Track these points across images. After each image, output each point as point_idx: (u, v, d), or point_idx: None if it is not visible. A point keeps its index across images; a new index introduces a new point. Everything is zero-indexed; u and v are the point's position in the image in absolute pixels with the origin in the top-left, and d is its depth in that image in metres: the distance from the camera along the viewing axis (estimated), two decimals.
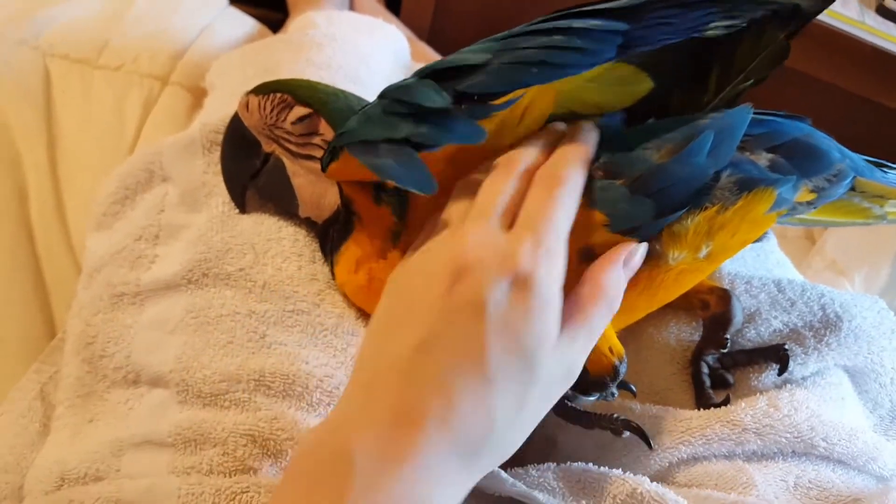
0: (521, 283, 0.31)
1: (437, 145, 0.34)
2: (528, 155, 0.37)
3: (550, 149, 0.38)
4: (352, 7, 1.03)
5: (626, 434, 0.41)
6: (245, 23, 0.85)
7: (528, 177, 0.36)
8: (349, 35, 0.63)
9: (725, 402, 0.44)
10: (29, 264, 0.65)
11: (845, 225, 0.48)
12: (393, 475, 0.28)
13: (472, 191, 0.36)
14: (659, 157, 0.37)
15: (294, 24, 0.67)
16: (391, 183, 0.34)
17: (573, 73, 0.35)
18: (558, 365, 0.33)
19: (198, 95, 0.73)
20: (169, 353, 0.43)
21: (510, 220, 0.34)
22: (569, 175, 0.35)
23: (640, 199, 0.37)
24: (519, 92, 0.36)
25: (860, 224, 0.46)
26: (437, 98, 0.34)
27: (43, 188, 0.67)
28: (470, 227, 0.33)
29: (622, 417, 0.40)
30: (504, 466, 0.40)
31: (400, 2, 1.03)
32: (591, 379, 0.40)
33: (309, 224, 0.47)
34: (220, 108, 0.57)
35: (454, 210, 0.36)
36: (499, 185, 0.35)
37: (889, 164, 0.44)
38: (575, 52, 0.35)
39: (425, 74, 0.36)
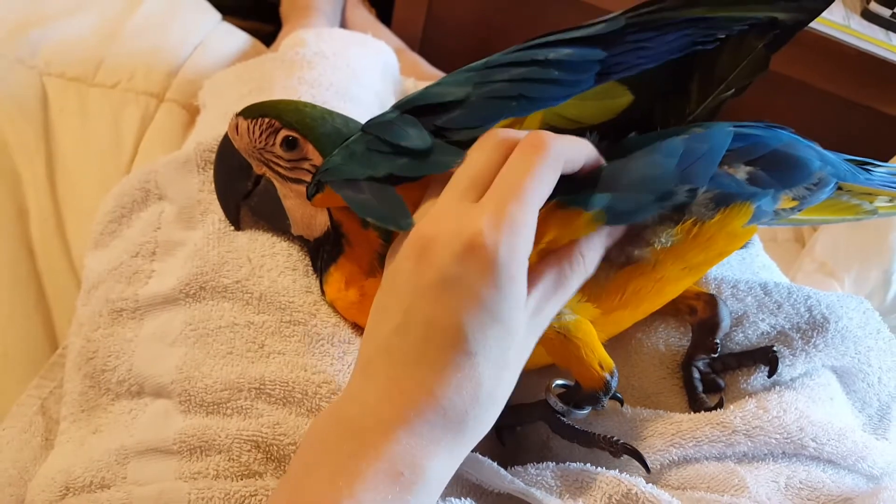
0: (482, 251, 0.31)
1: (418, 177, 0.35)
2: (515, 132, 0.36)
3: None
4: (343, 17, 1.04)
5: (624, 457, 0.41)
6: (238, 38, 0.86)
7: (511, 147, 0.35)
8: (339, 52, 0.64)
9: (719, 405, 0.44)
10: (30, 281, 0.65)
11: (837, 222, 0.48)
12: (387, 440, 0.31)
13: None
14: (628, 161, 0.38)
15: (285, 43, 0.67)
16: None
17: (551, 104, 0.36)
18: (532, 324, 0.35)
19: (193, 112, 0.74)
20: (170, 365, 0.44)
21: (482, 189, 0.34)
22: (551, 144, 0.34)
23: (601, 196, 0.37)
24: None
25: (851, 220, 0.46)
26: (417, 140, 0.35)
27: (42, 205, 0.68)
28: (437, 203, 0.34)
29: (621, 441, 0.41)
30: (503, 465, 0.41)
31: (391, 12, 1.04)
32: (584, 394, 0.41)
33: (302, 241, 0.48)
34: (213, 127, 0.58)
35: (435, 191, 0.36)
36: (474, 157, 0.35)
37: (873, 161, 0.44)
38: (553, 85, 0.35)
39: (407, 109, 0.37)
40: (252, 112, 0.45)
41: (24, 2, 0.76)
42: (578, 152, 0.36)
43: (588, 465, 0.41)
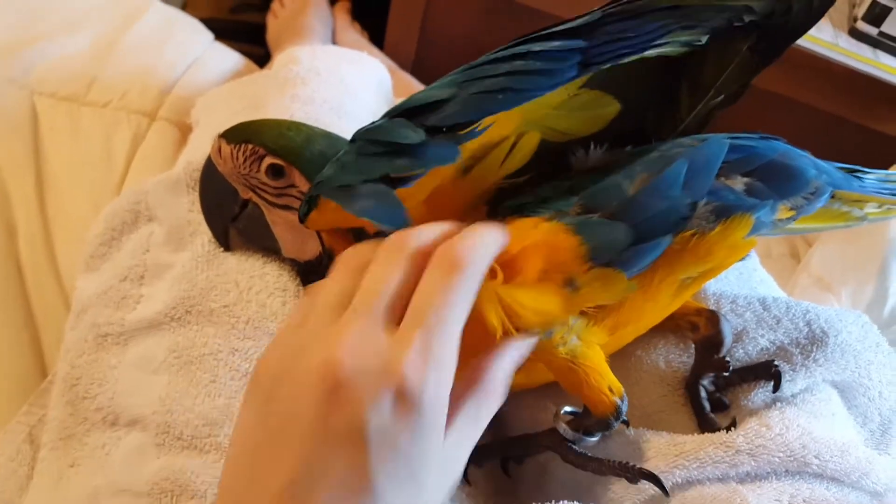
0: (406, 399, 0.28)
1: (413, 174, 0.34)
2: (424, 234, 0.32)
3: (451, 232, 0.33)
4: (334, 41, 1.05)
5: (641, 482, 0.40)
6: (231, 58, 0.86)
7: (423, 259, 0.31)
8: (333, 68, 0.64)
9: (733, 425, 0.43)
10: (18, 300, 0.64)
11: (827, 229, 0.48)
12: None
13: (359, 264, 0.31)
14: (633, 188, 0.38)
15: (278, 60, 0.68)
16: (371, 228, 0.34)
17: (538, 95, 0.35)
18: (445, 468, 0.31)
19: (185, 131, 0.74)
20: (152, 395, 0.43)
21: (398, 312, 0.30)
22: (470, 257, 0.30)
23: (618, 225, 0.37)
24: (488, 120, 0.36)
25: (842, 227, 0.46)
26: (410, 134, 0.34)
27: (32, 226, 0.67)
28: (348, 325, 0.29)
29: (637, 466, 0.40)
30: (491, 499, 0.40)
31: (383, 35, 1.05)
32: (594, 420, 0.40)
33: (292, 262, 0.47)
34: (203, 146, 0.58)
35: (335, 288, 0.31)
36: (386, 269, 0.30)
37: (862, 169, 0.45)
38: (536, 75, 0.35)
39: (396, 114, 0.36)
40: (235, 136, 0.44)
41: (17, 21, 0.76)
42: (493, 250, 0.33)
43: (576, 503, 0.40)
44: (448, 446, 0.30)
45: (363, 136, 0.37)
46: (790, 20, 0.38)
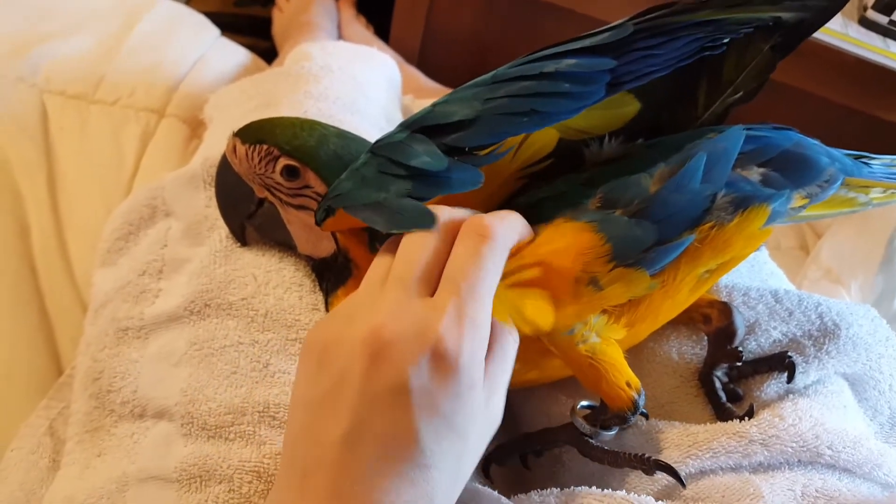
0: (444, 360, 0.29)
1: (434, 196, 0.35)
2: (452, 211, 0.34)
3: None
4: (340, 34, 1.05)
5: (658, 473, 0.40)
6: (237, 53, 0.86)
7: (453, 231, 0.33)
8: (345, 65, 0.64)
9: (749, 414, 0.43)
10: (32, 298, 0.65)
11: (833, 216, 0.48)
12: None
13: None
14: (654, 185, 0.38)
15: (290, 57, 0.68)
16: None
17: (563, 118, 0.35)
18: (486, 425, 0.33)
19: (194, 127, 0.74)
20: (174, 387, 0.43)
21: (432, 281, 0.32)
22: (498, 228, 0.33)
23: (641, 223, 0.37)
24: (511, 141, 0.36)
25: (847, 213, 0.47)
26: (431, 160, 0.34)
27: (44, 224, 0.68)
28: (387, 295, 0.31)
29: (653, 457, 0.40)
30: (507, 492, 0.40)
31: (388, 28, 1.05)
32: (612, 414, 0.40)
33: (308, 258, 0.47)
34: (220, 143, 0.58)
35: (379, 266, 0.34)
36: (417, 241, 0.33)
37: (868, 154, 0.45)
38: (564, 98, 0.35)
39: (416, 129, 0.36)
40: (249, 136, 0.44)
41: (24, 21, 0.76)
42: (518, 233, 0.35)
43: (594, 488, 0.40)
44: (485, 397, 0.32)
45: (384, 152, 0.36)
46: (808, 16, 0.38)
